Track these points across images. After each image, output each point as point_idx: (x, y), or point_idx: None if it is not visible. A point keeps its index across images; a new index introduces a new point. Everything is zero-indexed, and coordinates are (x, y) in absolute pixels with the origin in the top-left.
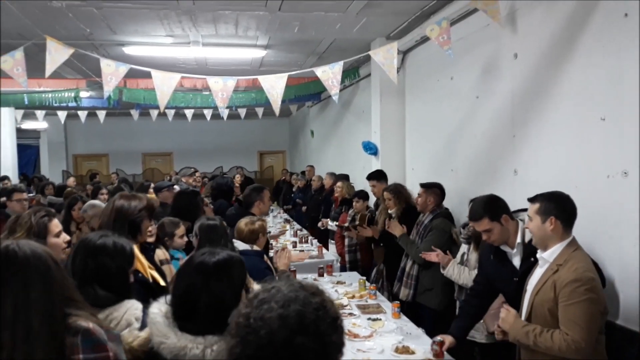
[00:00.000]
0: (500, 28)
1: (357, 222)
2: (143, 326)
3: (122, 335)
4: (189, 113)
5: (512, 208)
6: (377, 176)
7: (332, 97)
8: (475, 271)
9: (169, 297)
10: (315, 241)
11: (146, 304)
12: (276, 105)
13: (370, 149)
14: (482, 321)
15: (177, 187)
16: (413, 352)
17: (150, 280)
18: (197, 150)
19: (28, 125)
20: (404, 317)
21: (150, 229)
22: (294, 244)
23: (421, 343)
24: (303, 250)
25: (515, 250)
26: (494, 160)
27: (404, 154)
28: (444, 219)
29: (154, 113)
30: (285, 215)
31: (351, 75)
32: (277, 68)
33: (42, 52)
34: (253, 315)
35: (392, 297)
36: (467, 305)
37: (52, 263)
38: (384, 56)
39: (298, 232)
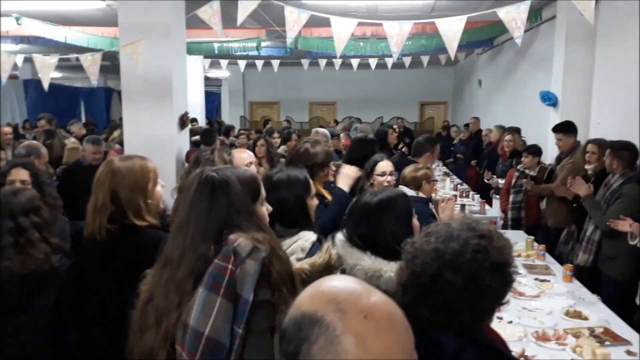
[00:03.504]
0: None
1: (533, 175)
2: (309, 256)
3: None
4: (354, 62)
5: None
6: (564, 128)
7: (515, 40)
8: None
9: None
10: (477, 196)
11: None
12: (452, 50)
13: (549, 99)
14: None
15: (342, 137)
16: (586, 318)
17: None
18: (359, 99)
19: (213, 74)
20: (576, 282)
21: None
22: (455, 199)
23: (596, 310)
24: (464, 205)
25: None
26: None
27: (589, 107)
28: (636, 184)
29: (322, 62)
30: (444, 169)
31: (532, 18)
32: (448, 13)
33: (229, 4)
34: (416, 245)
35: (570, 262)
36: None
37: (240, 189)
38: None
39: (458, 186)
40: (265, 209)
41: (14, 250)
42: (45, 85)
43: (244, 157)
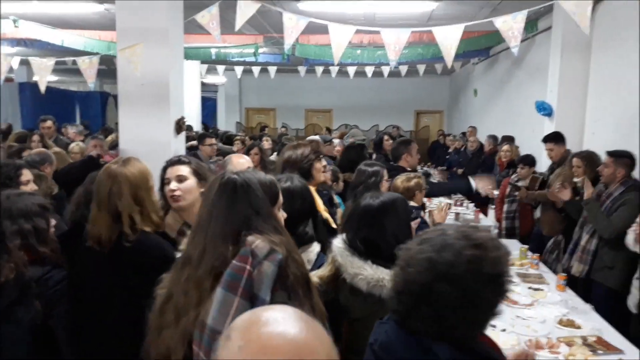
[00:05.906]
0: None
1: (525, 185)
2: (315, 268)
3: None
4: (351, 70)
5: None
6: (555, 138)
7: (511, 50)
8: None
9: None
10: (471, 205)
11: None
12: (449, 59)
13: (545, 109)
14: None
15: (335, 142)
16: (579, 327)
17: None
18: (355, 107)
19: (209, 79)
20: (569, 291)
21: (323, 168)
22: (448, 207)
23: (589, 319)
24: (459, 213)
25: None
26: None
27: (584, 117)
28: (637, 192)
29: (319, 70)
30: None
31: (528, 28)
32: (446, 22)
33: (227, 9)
34: (410, 252)
35: (564, 271)
36: None
37: (260, 192)
38: (576, 5)
39: (452, 195)
40: (281, 214)
41: None
42: (42, 88)
43: (242, 162)
